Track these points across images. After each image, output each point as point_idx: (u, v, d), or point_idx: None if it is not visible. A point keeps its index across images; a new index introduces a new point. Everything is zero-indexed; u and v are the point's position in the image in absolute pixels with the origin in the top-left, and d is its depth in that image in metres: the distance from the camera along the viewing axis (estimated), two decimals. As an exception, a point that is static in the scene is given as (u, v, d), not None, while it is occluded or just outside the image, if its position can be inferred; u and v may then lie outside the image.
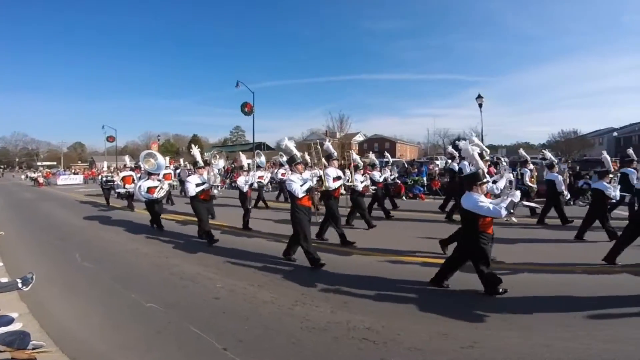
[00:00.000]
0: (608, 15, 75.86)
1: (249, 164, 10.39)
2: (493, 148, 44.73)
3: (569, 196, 10.86)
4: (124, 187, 12.41)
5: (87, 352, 3.18)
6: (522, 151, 12.10)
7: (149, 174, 8.84)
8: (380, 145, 58.57)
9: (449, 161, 10.46)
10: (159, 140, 61.99)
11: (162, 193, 8.77)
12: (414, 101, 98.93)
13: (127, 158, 15.18)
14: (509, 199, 3.98)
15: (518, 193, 4.05)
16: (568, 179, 12.21)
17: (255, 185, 10.32)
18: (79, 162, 70.98)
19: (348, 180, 7.67)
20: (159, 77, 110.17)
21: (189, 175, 9.19)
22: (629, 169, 8.40)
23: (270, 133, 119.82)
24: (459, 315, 3.61)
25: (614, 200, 7.14)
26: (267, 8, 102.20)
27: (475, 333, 3.28)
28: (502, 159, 12.71)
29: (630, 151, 9.84)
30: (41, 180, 30.68)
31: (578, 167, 14.65)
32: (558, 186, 8.20)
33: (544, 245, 6.48)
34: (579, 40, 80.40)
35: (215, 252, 6.36)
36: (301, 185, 5.37)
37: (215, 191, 7.53)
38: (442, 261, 4.62)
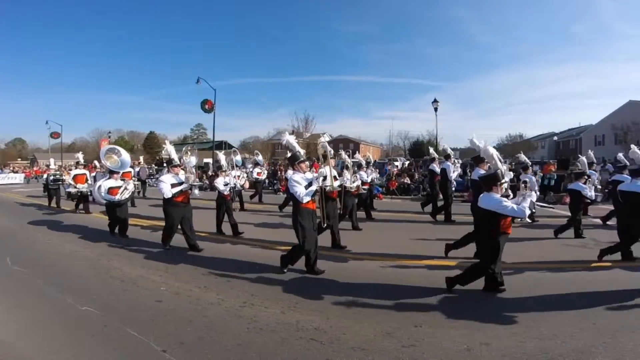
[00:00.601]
0: (558, 25, 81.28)
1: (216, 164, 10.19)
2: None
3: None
4: (75, 187, 11.19)
5: (13, 355, 3.05)
6: (522, 156, 12.05)
7: (111, 172, 7.88)
8: (345, 146, 59.06)
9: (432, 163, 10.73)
10: (109, 136, 59.21)
11: (126, 195, 7.81)
12: (378, 103, 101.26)
13: (79, 155, 13.59)
14: (528, 199, 4.12)
15: (534, 193, 4.19)
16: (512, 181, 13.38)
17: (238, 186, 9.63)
18: (19, 159, 66.34)
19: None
20: (111, 71, 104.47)
21: (161, 174, 8.79)
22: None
23: (234, 132, 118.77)
24: (402, 314, 3.74)
25: (589, 200, 7.65)
26: (231, 3, 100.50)
27: (418, 332, 3.39)
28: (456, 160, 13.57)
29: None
30: None
31: (521, 170, 15.90)
32: (532, 186, 8.81)
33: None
34: (530, 48, 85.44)
35: (163, 255, 6.20)
36: (306, 187, 4.97)
37: (197, 191, 6.91)
38: (390, 261, 4.74)
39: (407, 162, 25.20)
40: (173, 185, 6.25)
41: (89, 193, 11.06)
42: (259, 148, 54.07)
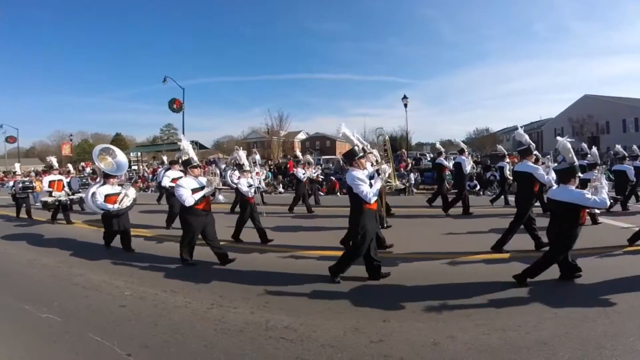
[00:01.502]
0: (520, 24, 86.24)
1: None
2: (420, 145, 54.47)
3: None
4: (52, 195, 10.09)
5: None
6: (500, 147, 14.41)
7: (106, 177, 6.90)
8: (322, 143, 60.07)
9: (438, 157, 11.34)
10: (71, 140, 57.40)
11: (126, 202, 6.87)
12: (352, 101, 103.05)
13: (53, 159, 12.26)
14: (604, 189, 4.23)
15: (606, 183, 4.34)
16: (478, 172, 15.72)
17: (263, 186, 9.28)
18: (-29, 165, 63.25)
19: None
20: (69, 72, 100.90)
21: (180, 178, 7.73)
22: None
23: (207, 131, 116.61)
24: (370, 310, 3.86)
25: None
26: (203, 2, 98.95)
27: (386, 327, 3.51)
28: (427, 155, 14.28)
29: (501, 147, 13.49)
30: None
31: (488, 161, 17.80)
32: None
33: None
34: (495, 46, 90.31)
35: (128, 260, 6.12)
36: (370, 186, 4.62)
37: (221, 197, 6.48)
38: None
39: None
40: (194, 191, 5.52)
41: (68, 202, 10.18)
42: (233, 148, 53.59)
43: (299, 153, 8.46)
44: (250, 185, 7.00)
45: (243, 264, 5.53)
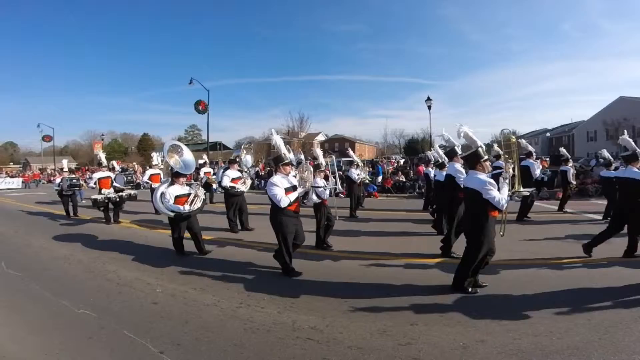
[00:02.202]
0: (546, 24, 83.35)
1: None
2: (444, 148, 48.37)
3: None
4: (101, 193, 9.64)
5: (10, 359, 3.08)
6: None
7: (175, 176, 6.27)
8: (341, 145, 59.85)
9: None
10: (102, 139, 59.08)
11: (198, 204, 6.28)
12: (371, 102, 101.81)
13: (102, 155, 11.67)
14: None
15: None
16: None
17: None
18: (11, 163, 65.93)
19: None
20: (101, 73, 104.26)
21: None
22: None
23: (228, 132, 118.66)
24: (398, 313, 3.79)
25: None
26: (221, 4, 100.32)
27: (413, 330, 3.44)
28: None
29: (563, 150, 11.17)
30: None
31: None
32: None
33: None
34: (520, 46, 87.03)
35: (157, 257, 6.24)
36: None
37: (314, 196, 5.94)
38: (387, 259, 4.75)
39: (402, 160, 25.30)
40: (287, 191, 4.99)
41: (117, 199, 9.86)
42: (255, 148, 54.20)
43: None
44: (325, 187, 6.44)
45: (268, 264, 5.45)
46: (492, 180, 4.13)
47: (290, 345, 3.22)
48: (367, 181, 12.61)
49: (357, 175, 10.58)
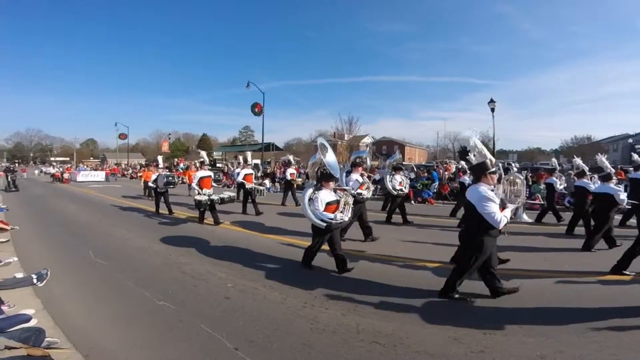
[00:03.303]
0: (620, 20, 75.01)
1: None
2: (504, 153, 44.87)
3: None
4: (203, 194, 9.04)
5: (99, 350, 3.19)
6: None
7: (324, 179, 5.19)
8: (389, 148, 58.47)
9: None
10: (169, 138, 62.62)
11: (348, 213, 5.34)
12: (421, 103, 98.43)
13: (203, 153, 10.84)
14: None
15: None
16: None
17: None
18: (91, 158, 72.10)
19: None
20: (169, 76, 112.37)
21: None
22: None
23: (277, 133, 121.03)
24: (469, 321, 3.61)
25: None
26: (268, 7, 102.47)
27: (486, 338, 3.28)
28: (513, 164, 12.69)
29: (637, 157, 10.02)
30: (66, 176, 27.53)
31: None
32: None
33: (556, 253, 6.42)
34: (590, 43, 79.83)
35: (226, 252, 6.41)
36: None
37: (525, 216, 5.85)
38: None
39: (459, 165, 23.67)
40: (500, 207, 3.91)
41: (218, 201, 9.30)
42: (302, 150, 54.61)
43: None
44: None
45: (332, 266, 5.38)
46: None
47: (355, 347, 3.18)
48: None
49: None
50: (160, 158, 14.54)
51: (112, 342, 3.32)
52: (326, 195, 5.12)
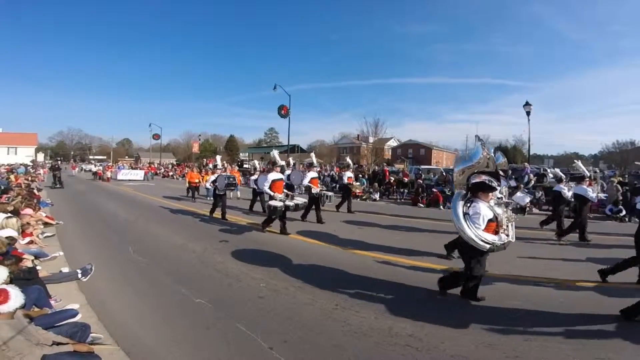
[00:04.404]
0: None
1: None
2: (538, 158, 42.51)
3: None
4: (279, 199, 7.83)
5: (141, 346, 3.25)
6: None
7: (483, 190, 4.07)
8: (415, 151, 57.48)
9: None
10: (199, 139, 64.05)
11: (511, 233, 4.26)
12: (451, 106, 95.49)
13: (275, 153, 9.04)
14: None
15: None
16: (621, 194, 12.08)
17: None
18: (126, 157, 74.76)
19: None
20: (198, 80, 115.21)
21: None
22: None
23: (302, 135, 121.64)
24: (504, 327, 3.53)
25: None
26: (297, 13, 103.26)
27: (521, 344, 3.21)
28: (549, 170, 12.23)
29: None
30: (109, 174, 28.04)
31: (635, 182, 13.44)
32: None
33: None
34: (633, 43, 74.72)
35: (257, 251, 6.49)
36: None
37: None
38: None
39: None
40: None
41: (293, 207, 8.14)
42: (325, 152, 54.47)
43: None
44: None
45: (362, 270, 5.42)
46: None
47: (388, 351, 3.15)
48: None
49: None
50: (219, 157, 12.91)
51: (152, 339, 3.39)
52: (486, 210, 4.06)
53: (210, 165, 19.11)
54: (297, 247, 6.86)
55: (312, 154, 11.64)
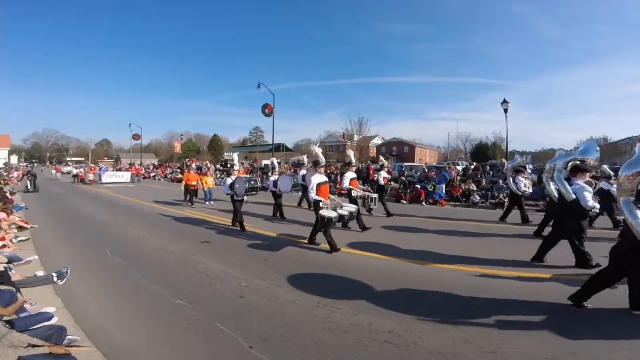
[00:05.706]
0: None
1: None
2: (519, 154, 43.29)
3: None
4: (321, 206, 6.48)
5: (118, 347, 3.22)
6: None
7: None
8: (399, 149, 58.16)
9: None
10: (182, 139, 63.14)
11: None
12: (434, 104, 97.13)
13: (317, 149, 8.80)
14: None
15: None
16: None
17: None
18: (105, 158, 73.16)
19: None
20: (182, 77, 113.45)
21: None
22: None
23: (288, 134, 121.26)
24: (481, 322, 3.61)
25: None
26: (281, 10, 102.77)
27: (498, 339, 3.27)
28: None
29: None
30: (91, 177, 26.47)
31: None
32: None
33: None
34: (609, 43, 77.01)
35: (239, 251, 6.46)
36: None
37: None
38: (470, 269, 4.60)
39: (472, 166, 21.65)
40: None
41: (347, 216, 6.84)
42: (310, 151, 54.33)
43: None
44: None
45: (343, 268, 5.43)
46: None
47: (368, 347, 3.18)
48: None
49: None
50: (235, 156, 10.86)
51: (130, 340, 3.36)
52: None
53: (193, 165, 18.75)
54: (285, 248, 6.82)
55: (317, 148, 10.38)
